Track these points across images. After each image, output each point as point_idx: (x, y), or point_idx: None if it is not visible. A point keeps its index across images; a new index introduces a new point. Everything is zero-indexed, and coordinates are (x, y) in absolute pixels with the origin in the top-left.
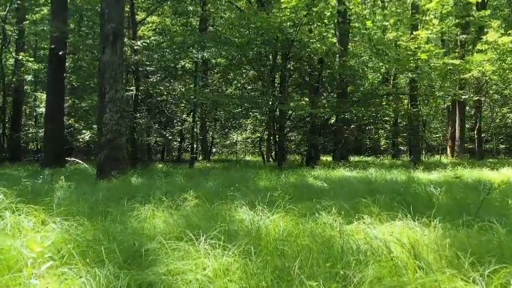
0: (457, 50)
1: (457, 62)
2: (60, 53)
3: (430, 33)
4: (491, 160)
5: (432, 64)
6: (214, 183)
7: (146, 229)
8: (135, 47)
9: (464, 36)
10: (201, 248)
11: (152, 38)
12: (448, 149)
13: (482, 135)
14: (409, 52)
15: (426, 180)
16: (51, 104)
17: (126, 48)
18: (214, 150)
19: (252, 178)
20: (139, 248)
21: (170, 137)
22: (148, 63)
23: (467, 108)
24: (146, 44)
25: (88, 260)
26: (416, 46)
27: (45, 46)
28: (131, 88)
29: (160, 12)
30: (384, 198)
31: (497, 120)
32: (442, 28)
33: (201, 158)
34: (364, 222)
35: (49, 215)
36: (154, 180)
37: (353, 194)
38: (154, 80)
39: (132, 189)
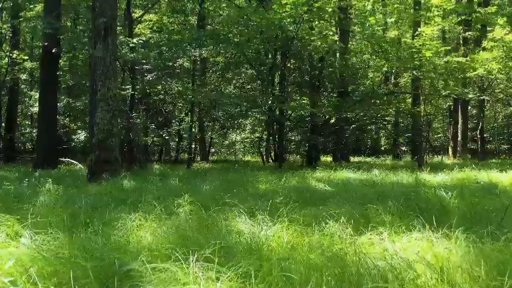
0: (462, 48)
1: (463, 59)
2: (53, 51)
3: (436, 30)
4: (494, 161)
5: (437, 62)
6: (211, 186)
7: (132, 243)
8: (131, 45)
9: (471, 33)
10: (191, 270)
11: (148, 35)
12: (450, 150)
13: (484, 135)
14: (413, 49)
15: (434, 183)
16: (44, 103)
17: (123, 46)
18: (213, 150)
19: (251, 181)
20: (120, 267)
21: (167, 137)
22: (144, 61)
23: (469, 107)
24: (142, 42)
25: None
26: (421, 43)
27: (41, 44)
28: (128, 87)
29: (157, 10)
30: (394, 203)
31: (499, 120)
32: (445, 26)
33: (199, 158)
34: (378, 233)
35: (24, 226)
36: (148, 183)
37: (360, 198)
38: (150, 79)
39: (123, 193)
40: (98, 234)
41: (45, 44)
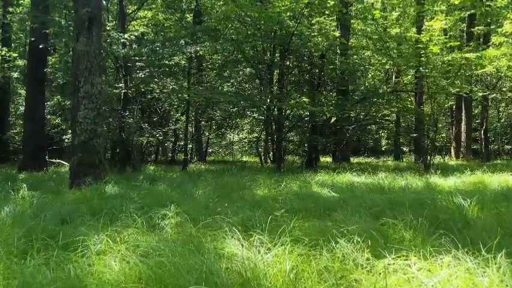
0: (472, 43)
1: (472, 55)
2: (40, 46)
3: (444, 24)
4: (499, 162)
5: (445, 58)
6: (205, 191)
7: (91, 277)
8: (122, 40)
9: (481, 27)
10: None
11: (140, 30)
12: (452, 150)
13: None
14: (420, 45)
15: (446, 188)
16: (31, 101)
17: (113, 42)
18: (210, 150)
19: (248, 186)
20: None
21: (161, 138)
22: (137, 58)
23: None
24: (134, 37)
25: None
26: (428, 38)
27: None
28: (121, 85)
29: (152, 6)
30: (409, 212)
31: (502, 120)
32: (451, 21)
33: (196, 159)
34: (402, 257)
35: None
36: (135, 188)
37: (370, 206)
38: (142, 76)
39: (103, 201)
40: (51, 263)
41: (33, 39)
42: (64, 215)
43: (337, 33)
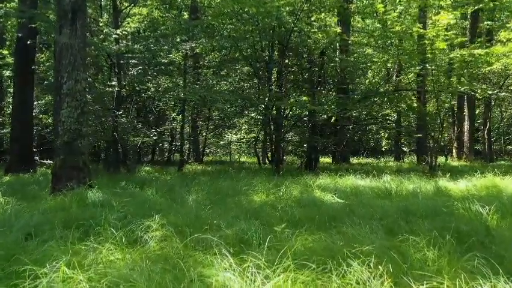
0: (479, 40)
1: (481, 52)
2: (28, 42)
3: (451, 18)
4: (503, 162)
5: (453, 55)
6: (198, 197)
7: None
8: (114, 36)
9: (490, 22)
10: None
11: (133, 26)
12: (454, 151)
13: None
14: (426, 41)
15: (459, 192)
16: (19, 99)
17: (111, 42)
18: (208, 151)
19: (245, 191)
20: None
21: (155, 138)
22: (130, 55)
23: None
24: (126, 33)
25: None
26: (434, 34)
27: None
28: (113, 83)
29: (147, 3)
30: (425, 223)
31: (505, 120)
32: (455, 16)
33: (192, 159)
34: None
35: None
36: (122, 193)
37: (381, 216)
38: (135, 73)
39: (83, 210)
40: None
41: (20, 35)
42: (33, 227)
43: (338, 29)
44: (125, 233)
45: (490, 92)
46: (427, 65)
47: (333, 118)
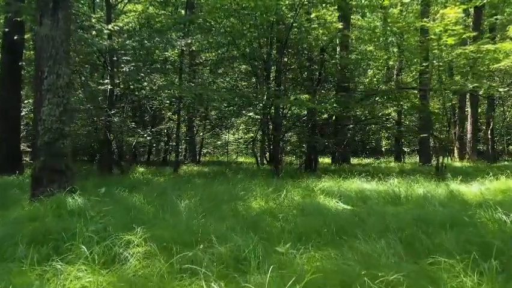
0: (487, 35)
1: (491, 47)
2: (15, 38)
3: (461, 12)
4: (506, 163)
5: (460, 51)
6: (191, 203)
7: None
8: (105, 31)
9: (499, 17)
10: None
11: (126, 20)
12: (455, 151)
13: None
14: (432, 36)
15: (473, 197)
16: (5, 98)
17: (102, 38)
18: (205, 151)
19: (242, 196)
20: None
21: (149, 138)
22: (123, 51)
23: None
24: (118, 28)
25: None
26: (442, 29)
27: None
28: (106, 81)
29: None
30: (447, 234)
31: (507, 119)
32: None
33: (189, 160)
34: None
35: None
36: (108, 198)
37: (397, 227)
38: (127, 70)
39: (58, 220)
40: None
41: (6, 30)
42: None
43: (339, 25)
44: (102, 249)
45: (500, 90)
46: (434, 61)
47: (333, 117)
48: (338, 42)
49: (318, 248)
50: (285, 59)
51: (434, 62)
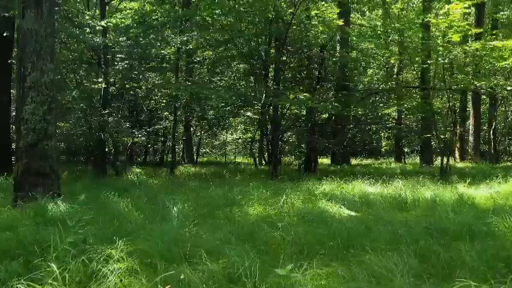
0: (494, 32)
1: (500, 44)
2: (4, 34)
3: (468, 7)
4: (509, 164)
5: (467, 47)
6: (184, 208)
7: None
8: (98, 27)
9: (507, 12)
10: None
11: (119, 16)
12: (456, 151)
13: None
14: (437, 32)
15: (484, 201)
16: None
17: (96, 34)
18: (203, 151)
19: (238, 201)
20: None
21: (143, 138)
22: (117, 49)
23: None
24: (111, 24)
25: None
26: (447, 24)
27: None
28: (100, 80)
29: None
30: (468, 249)
31: (509, 119)
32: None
33: (186, 160)
34: None
35: None
36: (93, 204)
37: (405, 235)
38: (120, 68)
39: (34, 229)
40: None
41: None
42: None
43: (341, 22)
44: (78, 266)
45: (509, 88)
46: (440, 59)
47: (333, 117)
48: (337, 40)
49: (323, 264)
50: (284, 58)
51: (440, 59)
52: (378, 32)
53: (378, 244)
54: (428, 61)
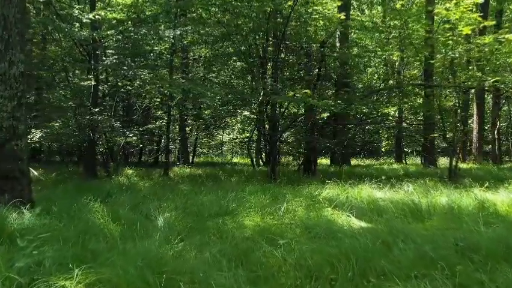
0: (506, 24)
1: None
2: None
3: None
4: None
5: (481, 41)
6: (171, 217)
7: None
8: (84, 20)
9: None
10: None
11: (109, 9)
12: (459, 152)
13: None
14: (446, 25)
15: (507, 208)
16: None
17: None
18: (200, 150)
19: (233, 209)
20: None
21: (135, 138)
22: (107, 44)
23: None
24: (100, 18)
25: None
26: (458, 17)
27: None
28: (89, 77)
29: None
30: None
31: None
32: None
33: (181, 161)
34: None
35: None
36: (65, 213)
37: (434, 254)
38: (109, 63)
39: None
40: None
41: None
42: None
43: (342, 15)
44: None
45: None
46: (450, 53)
47: (333, 116)
48: (337, 35)
49: None
50: (282, 55)
51: (450, 53)
52: (380, 28)
53: (402, 268)
54: (438, 55)
